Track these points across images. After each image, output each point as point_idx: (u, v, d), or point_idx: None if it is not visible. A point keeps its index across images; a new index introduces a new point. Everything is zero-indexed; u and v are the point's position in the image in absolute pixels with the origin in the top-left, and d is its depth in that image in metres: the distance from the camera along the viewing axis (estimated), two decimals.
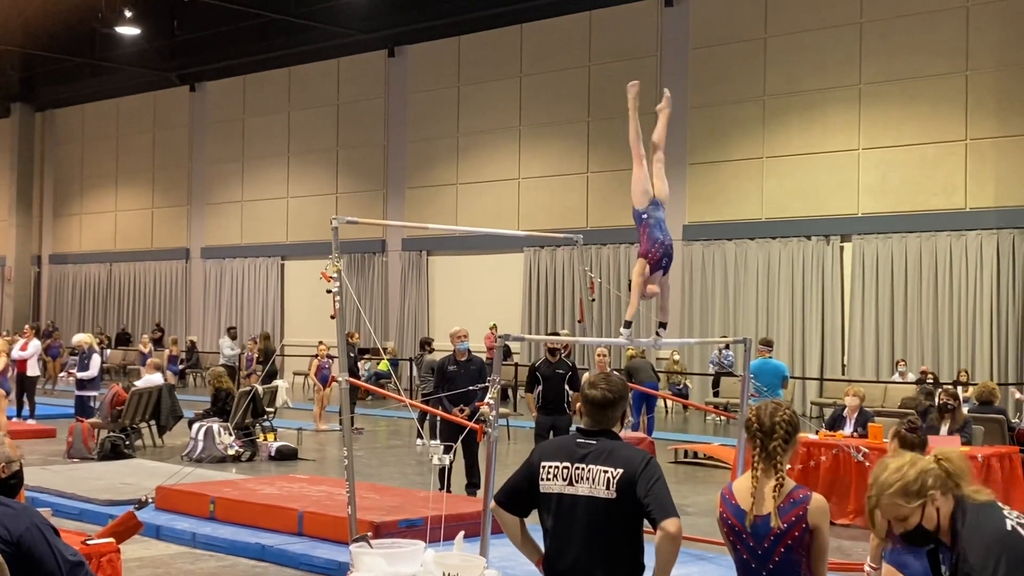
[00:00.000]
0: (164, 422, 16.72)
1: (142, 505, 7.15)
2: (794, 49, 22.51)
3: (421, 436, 15.89)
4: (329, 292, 8.18)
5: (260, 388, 16.94)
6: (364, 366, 24.83)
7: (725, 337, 21.78)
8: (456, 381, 11.42)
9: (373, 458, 15.95)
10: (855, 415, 12.19)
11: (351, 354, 18.79)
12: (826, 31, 22.12)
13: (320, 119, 30.60)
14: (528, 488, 4.38)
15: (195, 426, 15.61)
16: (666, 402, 22.29)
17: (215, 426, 15.43)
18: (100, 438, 15.44)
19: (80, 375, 17.15)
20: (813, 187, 22.22)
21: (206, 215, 33.72)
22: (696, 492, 12.84)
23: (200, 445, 15.30)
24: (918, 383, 18.59)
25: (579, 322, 20.33)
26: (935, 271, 20.83)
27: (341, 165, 30.18)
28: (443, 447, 8.44)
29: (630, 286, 7.82)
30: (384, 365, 25.53)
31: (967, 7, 20.60)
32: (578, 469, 4.26)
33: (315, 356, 20.56)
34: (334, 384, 16.08)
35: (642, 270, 7.61)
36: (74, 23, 32.22)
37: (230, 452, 15.25)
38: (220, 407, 15.99)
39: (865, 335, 21.52)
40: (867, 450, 11.03)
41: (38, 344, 20.08)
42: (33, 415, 19.07)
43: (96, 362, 17.37)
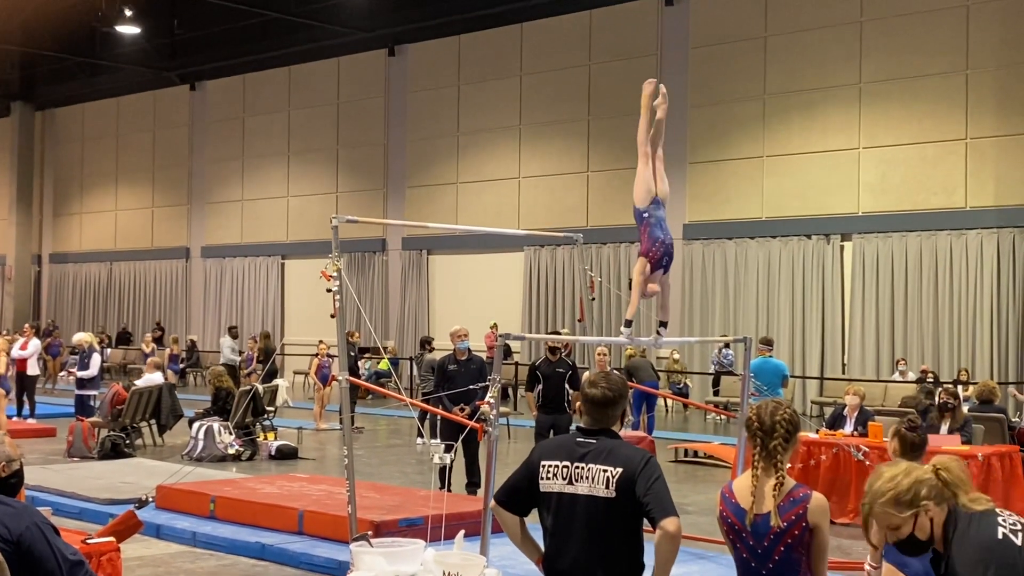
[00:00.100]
0: (164, 421, 16.72)
1: (142, 504, 7.15)
2: (794, 48, 22.51)
3: (421, 435, 15.89)
4: (329, 291, 8.18)
5: (260, 387, 16.94)
6: (364, 365, 24.83)
7: (725, 336, 21.79)
8: (456, 380, 11.41)
9: (373, 457, 15.95)
10: (855, 414, 12.19)
11: (351, 353, 18.79)
12: (826, 30, 22.12)
13: (320, 118, 30.60)
14: (528, 487, 4.38)
15: (195, 425, 15.62)
16: (666, 401, 22.29)
17: (215, 425, 15.43)
18: (100, 437, 15.45)
19: (80, 374, 17.14)
20: (813, 186, 22.22)
21: (206, 214, 33.73)
22: (696, 491, 12.84)
23: (200, 444, 15.30)
24: (918, 382, 18.59)
25: (579, 321, 20.36)
26: (935, 270, 20.83)
27: (341, 164, 30.18)
28: (443, 446, 8.43)
29: (630, 285, 7.81)
30: (384, 364, 25.53)
31: (967, 6, 20.59)
32: (578, 468, 4.26)
33: (315, 355, 20.56)
34: (334, 383, 16.08)
35: (643, 269, 7.61)
36: (74, 22, 32.22)
37: (230, 451, 15.25)
38: (220, 406, 15.99)
39: (865, 334, 21.52)
40: (867, 449, 11.02)
41: (38, 343, 20.07)
42: (33, 414, 19.07)
43: (96, 361, 17.37)
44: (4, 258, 38.62)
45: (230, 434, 15.42)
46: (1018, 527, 3.29)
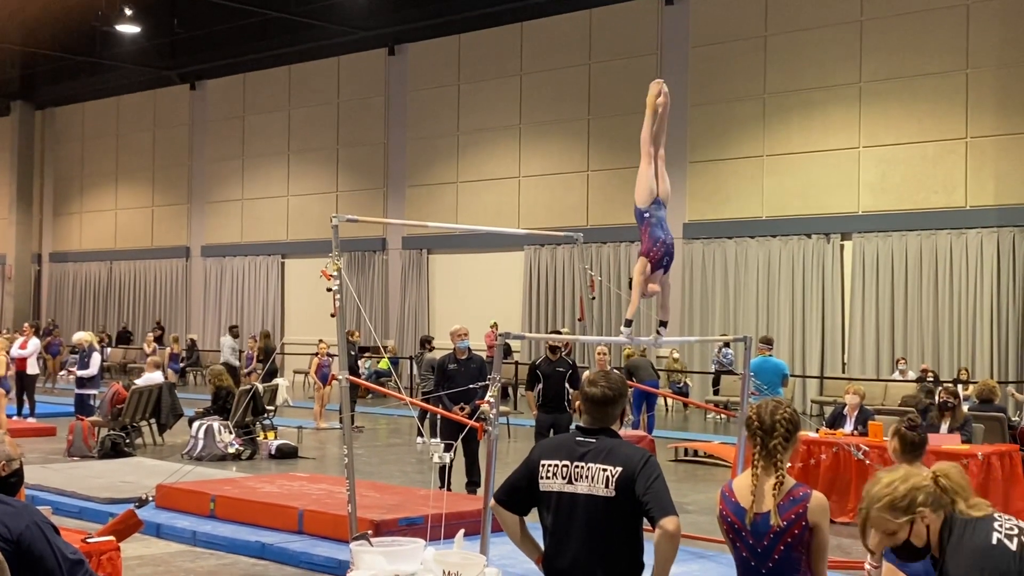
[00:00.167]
0: (164, 420, 16.72)
1: (142, 503, 7.15)
2: (794, 47, 22.50)
3: (421, 434, 15.89)
4: (329, 290, 8.18)
5: (260, 386, 16.94)
6: (364, 364, 24.83)
7: (725, 335, 21.78)
8: (456, 379, 11.41)
9: (373, 456, 15.95)
10: (855, 413, 12.19)
11: (351, 352, 18.80)
12: (826, 29, 22.12)
13: (320, 117, 30.59)
14: (528, 486, 4.38)
15: (195, 424, 15.62)
16: (666, 400, 22.29)
17: (215, 424, 15.43)
18: (100, 436, 15.44)
19: (80, 373, 17.14)
20: (813, 185, 22.22)
21: (206, 213, 33.73)
22: (696, 490, 12.83)
23: (200, 443, 15.31)
24: (918, 381, 18.59)
25: (579, 320, 20.35)
26: (935, 269, 20.83)
27: (341, 163, 30.18)
28: (443, 445, 8.44)
29: (630, 284, 7.82)
30: (384, 363, 25.54)
31: (967, 5, 20.59)
32: (577, 467, 4.26)
33: (315, 354, 20.56)
34: (334, 382, 16.08)
35: (643, 269, 7.60)
36: (74, 21, 32.21)
37: (230, 450, 15.25)
38: (220, 405, 15.99)
39: (865, 333, 21.52)
40: (867, 448, 11.02)
41: (37, 342, 20.08)
42: (33, 413, 19.07)
43: (96, 360, 17.37)
44: (4, 257, 38.62)
45: (230, 433, 15.42)
46: (1014, 532, 3.28)
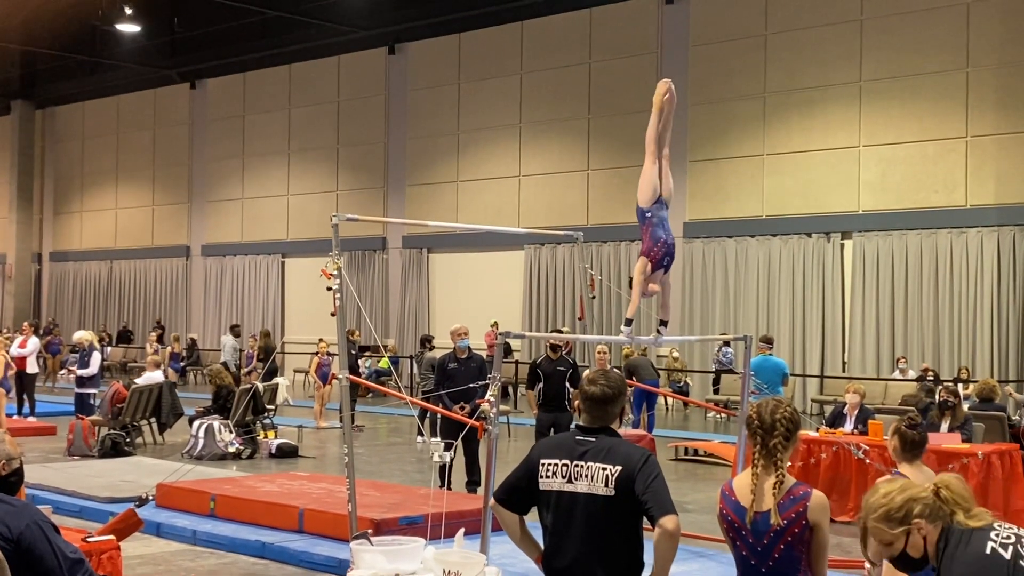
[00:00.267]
0: (164, 419, 16.72)
1: (142, 502, 7.15)
2: (794, 46, 22.50)
3: (422, 433, 15.90)
4: (329, 289, 8.18)
5: (260, 385, 16.94)
6: (365, 363, 24.83)
7: (725, 335, 21.78)
8: (456, 378, 11.41)
9: (373, 455, 15.95)
10: (855, 412, 12.20)
11: (352, 351, 18.79)
12: (826, 28, 22.11)
13: (320, 116, 30.59)
14: (527, 486, 4.38)
15: (195, 423, 15.62)
16: (666, 399, 22.28)
17: (215, 423, 15.43)
18: (100, 435, 15.45)
19: (80, 372, 17.14)
20: (814, 184, 22.22)
21: (206, 212, 33.73)
22: (696, 489, 12.84)
23: (200, 442, 15.31)
24: (919, 380, 18.59)
25: (579, 319, 20.34)
26: (936, 268, 20.83)
27: (341, 162, 30.18)
28: (443, 444, 8.44)
29: (631, 284, 7.81)
30: (385, 362, 25.54)
31: (967, 4, 20.58)
32: (577, 466, 4.26)
33: (315, 353, 20.57)
34: (334, 381, 16.07)
35: (643, 268, 7.60)
36: (74, 20, 32.20)
37: (230, 449, 15.26)
38: (221, 404, 15.99)
39: (866, 332, 21.52)
40: (867, 447, 11.02)
41: (37, 341, 20.08)
42: (33, 412, 19.07)
43: (96, 359, 17.37)
44: (4, 256, 38.62)
45: (230, 432, 15.43)
46: (1011, 540, 3.25)
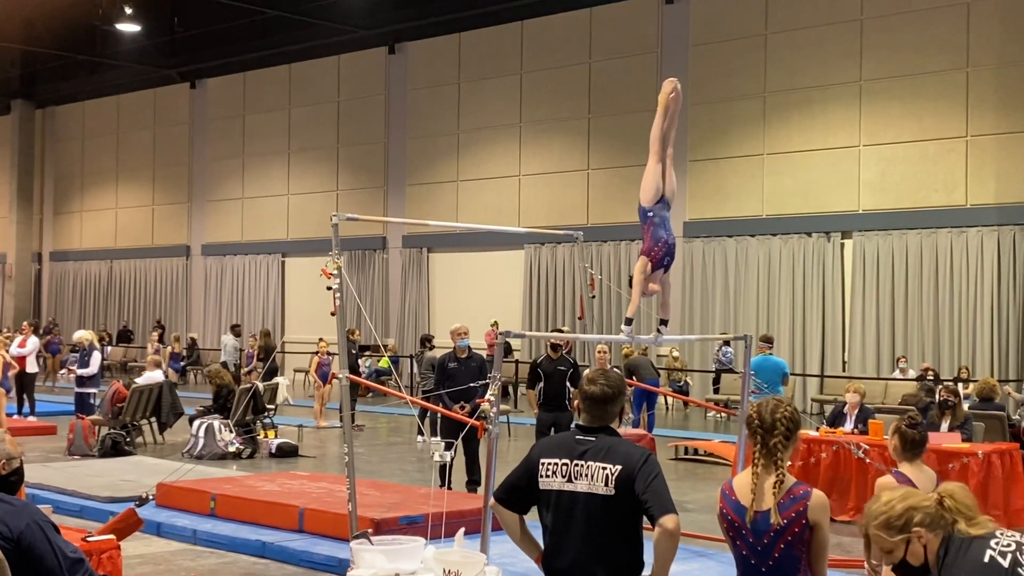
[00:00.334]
0: (165, 419, 16.72)
1: (143, 502, 7.15)
2: (794, 46, 22.49)
3: (422, 433, 15.90)
4: (330, 289, 8.18)
5: (261, 385, 16.94)
6: (365, 363, 24.83)
7: (725, 334, 21.78)
8: (456, 378, 11.40)
9: (374, 455, 15.95)
10: (856, 412, 12.20)
11: (352, 351, 18.79)
12: (826, 27, 22.10)
13: (321, 116, 30.59)
14: (527, 485, 4.38)
15: (196, 423, 15.62)
16: (666, 399, 22.28)
17: (216, 423, 15.43)
18: (101, 435, 15.44)
19: (81, 372, 17.13)
20: (814, 184, 22.22)
21: (207, 212, 33.72)
22: (696, 489, 12.84)
23: (201, 442, 15.31)
24: (919, 380, 18.59)
25: (579, 319, 20.34)
26: (936, 268, 20.82)
27: (342, 162, 30.18)
28: (444, 444, 8.43)
29: (630, 283, 7.81)
30: (385, 362, 25.54)
31: (967, 3, 20.57)
32: (577, 466, 4.26)
33: (315, 353, 20.56)
34: (334, 381, 16.07)
35: (643, 267, 7.60)
36: (74, 20, 32.19)
37: (231, 449, 15.26)
38: (221, 404, 15.99)
39: (866, 332, 21.52)
40: (868, 447, 11.02)
41: (36, 341, 20.08)
42: (33, 412, 19.07)
43: (97, 359, 17.36)
44: (4, 256, 38.62)
45: (230, 432, 15.43)
46: (1010, 548, 3.24)
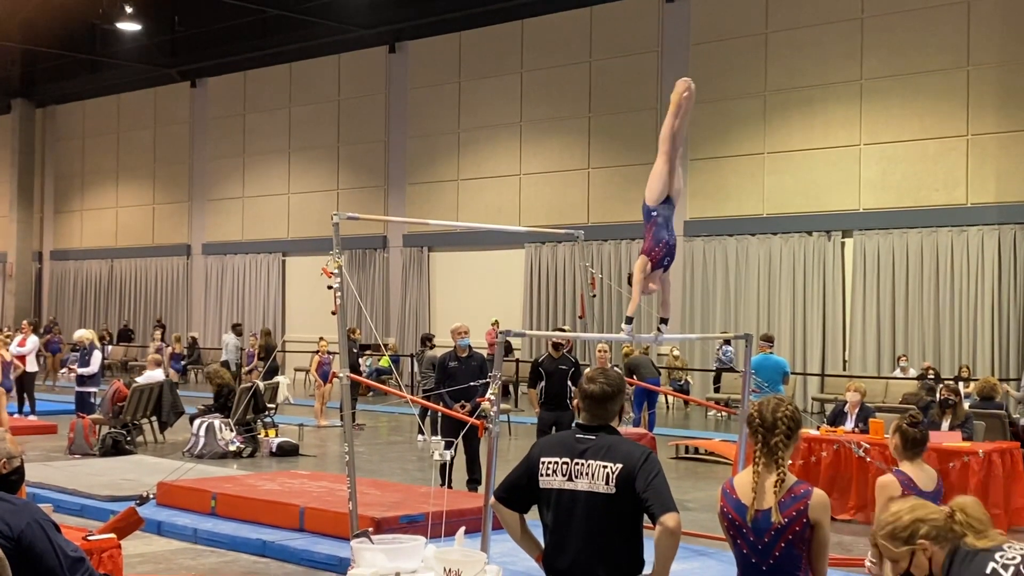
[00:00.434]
0: (165, 418, 16.72)
1: (143, 501, 7.15)
2: (795, 45, 22.48)
3: (422, 432, 15.88)
4: (330, 288, 8.18)
5: (261, 384, 16.94)
6: (365, 362, 24.83)
7: (726, 333, 21.77)
8: (457, 377, 11.40)
9: (374, 454, 15.95)
10: (856, 411, 12.20)
11: (352, 350, 18.79)
12: (827, 26, 22.10)
13: (321, 115, 30.59)
14: (527, 484, 4.38)
15: (196, 422, 15.63)
16: (667, 398, 22.28)
17: (216, 422, 15.44)
18: (101, 434, 15.44)
19: (81, 371, 17.13)
20: (814, 183, 22.21)
21: (207, 211, 33.72)
22: (697, 488, 12.83)
23: (201, 441, 15.31)
24: (919, 378, 18.58)
25: (580, 318, 20.35)
26: (936, 267, 20.82)
27: (342, 161, 30.17)
28: (444, 443, 8.43)
29: (629, 280, 7.81)
30: (385, 361, 25.54)
31: (968, 2, 20.56)
32: (577, 465, 4.26)
33: (316, 352, 20.56)
34: (335, 380, 16.06)
35: (643, 266, 7.60)
36: (75, 19, 32.20)
37: (231, 448, 15.26)
38: (222, 403, 15.99)
39: (866, 331, 21.51)
40: (868, 446, 11.01)
41: (36, 340, 20.08)
42: (34, 411, 19.08)
43: (97, 358, 17.35)
44: (5, 255, 38.62)
45: (231, 431, 15.43)
46: (1014, 561, 3.21)
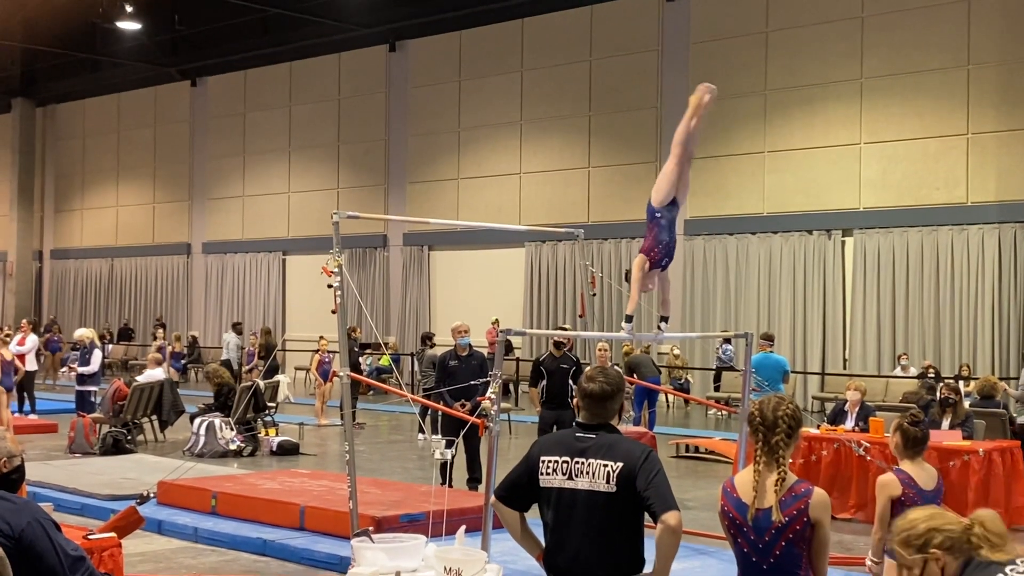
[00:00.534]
0: (165, 417, 16.73)
1: (144, 500, 7.13)
2: (795, 43, 22.48)
3: (423, 431, 15.89)
4: (330, 287, 8.17)
5: (261, 383, 16.94)
6: (366, 361, 24.82)
7: (726, 332, 21.77)
8: (457, 376, 11.41)
9: (374, 453, 15.95)
10: (856, 409, 12.19)
11: (354, 349, 18.79)
12: (827, 25, 22.09)
13: (321, 114, 30.58)
14: (528, 483, 4.38)
15: (197, 421, 15.63)
16: (667, 397, 22.28)
17: (217, 421, 15.44)
18: (102, 433, 15.45)
19: (81, 370, 17.13)
20: (815, 181, 22.20)
21: (207, 210, 33.72)
22: (697, 487, 12.83)
23: (202, 440, 15.32)
24: (920, 377, 18.57)
25: (580, 317, 20.35)
26: (937, 265, 20.81)
27: (342, 160, 30.17)
28: (444, 442, 8.43)
29: (626, 277, 7.83)
30: (385, 360, 25.53)
31: (968, 1, 20.55)
32: (578, 463, 4.26)
33: (316, 351, 20.55)
34: (335, 379, 16.05)
35: (642, 265, 7.63)
36: (75, 18, 32.19)
37: (232, 447, 15.27)
38: (222, 402, 15.99)
39: (866, 329, 21.51)
40: (868, 444, 11.01)
41: (35, 339, 20.08)
42: (34, 410, 19.08)
43: (97, 357, 17.36)
44: (5, 254, 38.62)
45: (231, 430, 15.43)
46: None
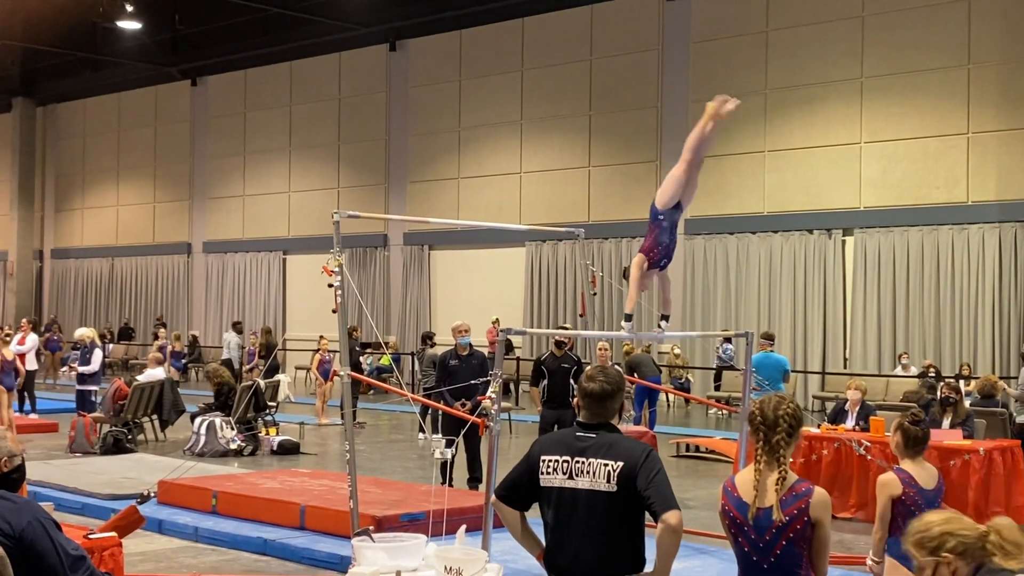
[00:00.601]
0: (166, 416, 16.73)
1: (144, 499, 7.13)
2: (796, 43, 22.47)
3: (423, 430, 15.91)
4: (331, 286, 8.18)
5: (262, 382, 16.94)
6: (366, 360, 24.82)
7: (726, 331, 21.77)
8: (457, 375, 11.41)
9: (375, 452, 15.95)
10: (857, 409, 12.19)
11: (354, 348, 18.79)
12: (828, 24, 22.08)
13: (322, 113, 30.58)
14: (528, 482, 4.38)
15: (197, 420, 15.63)
16: (668, 396, 22.28)
17: (217, 420, 15.44)
18: (102, 432, 15.45)
19: (82, 369, 17.13)
20: (815, 181, 22.20)
21: (208, 209, 33.72)
22: (697, 486, 12.83)
23: (202, 439, 15.32)
24: (920, 377, 18.57)
25: (581, 316, 20.35)
26: (937, 265, 20.81)
27: (343, 159, 30.17)
28: (445, 441, 8.43)
29: (624, 275, 7.86)
30: (386, 359, 25.53)
31: (968, 1, 20.55)
32: (578, 463, 4.26)
33: (317, 350, 20.55)
34: (336, 378, 16.04)
35: (640, 264, 7.66)
36: (75, 17, 32.19)
37: (232, 446, 15.27)
38: (223, 402, 16.00)
39: (867, 329, 21.50)
40: (869, 444, 11.01)
41: (35, 338, 20.08)
42: (34, 409, 19.08)
43: (98, 357, 17.35)
44: (6, 254, 38.62)
45: (232, 429, 15.43)
46: None
